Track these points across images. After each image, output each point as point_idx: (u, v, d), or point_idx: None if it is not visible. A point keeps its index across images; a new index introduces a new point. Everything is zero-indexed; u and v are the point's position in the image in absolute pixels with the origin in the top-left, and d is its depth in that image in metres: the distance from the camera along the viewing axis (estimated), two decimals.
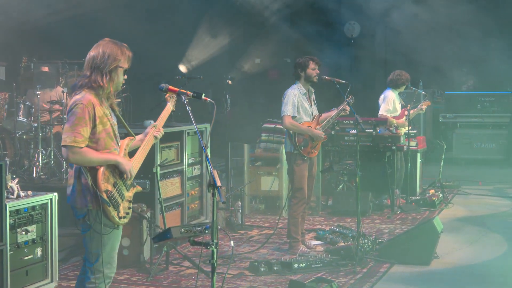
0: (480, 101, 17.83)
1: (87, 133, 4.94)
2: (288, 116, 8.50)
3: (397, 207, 11.28)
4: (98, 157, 4.97)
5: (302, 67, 8.66)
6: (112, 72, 5.06)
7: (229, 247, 8.97)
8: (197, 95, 5.24)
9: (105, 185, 4.95)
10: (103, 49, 5.08)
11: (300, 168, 8.57)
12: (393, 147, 11.18)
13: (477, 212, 11.38)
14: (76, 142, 4.88)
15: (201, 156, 9.67)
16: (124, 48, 5.16)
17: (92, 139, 5.00)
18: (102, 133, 5.04)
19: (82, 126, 4.91)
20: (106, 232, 5.04)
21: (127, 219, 5.15)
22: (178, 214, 9.18)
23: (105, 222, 5.01)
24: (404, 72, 11.66)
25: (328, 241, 9.15)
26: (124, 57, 5.12)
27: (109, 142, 5.10)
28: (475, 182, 14.29)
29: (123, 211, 5.09)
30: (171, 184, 9.01)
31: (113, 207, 4.98)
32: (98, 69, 5.04)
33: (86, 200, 4.96)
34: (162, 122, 5.51)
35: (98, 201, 4.91)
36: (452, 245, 9.08)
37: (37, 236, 6.77)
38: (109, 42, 5.14)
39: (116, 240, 5.19)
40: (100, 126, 5.01)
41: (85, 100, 4.95)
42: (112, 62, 5.05)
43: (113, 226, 5.07)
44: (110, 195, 4.96)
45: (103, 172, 4.95)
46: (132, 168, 5.15)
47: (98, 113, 5.00)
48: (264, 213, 11.33)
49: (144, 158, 5.38)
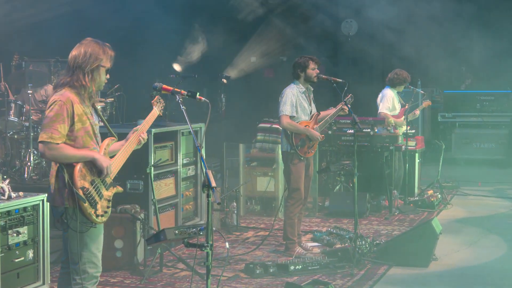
0: (480, 100, 17.83)
1: (64, 130, 5.04)
2: (286, 116, 8.50)
3: (395, 208, 11.30)
4: (75, 153, 5.06)
5: (302, 67, 8.67)
6: (94, 71, 5.18)
7: (224, 249, 8.97)
8: (192, 94, 5.24)
9: (82, 182, 5.02)
10: (85, 48, 5.19)
11: (297, 168, 8.58)
12: (391, 147, 11.19)
13: (477, 213, 11.39)
14: (53, 138, 5.00)
15: (196, 156, 9.67)
16: (106, 47, 5.26)
17: (70, 137, 5.10)
18: (81, 131, 5.14)
19: (59, 123, 5.02)
20: (83, 230, 5.09)
21: (106, 218, 5.21)
22: (172, 215, 9.18)
23: (82, 219, 5.06)
24: (403, 71, 11.67)
25: (325, 243, 9.16)
26: (106, 56, 5.23)
27: (88, 140, 5.19)
28: (475, 182, 14.30)
29: (101, 209, 5.14)
30: (165, 185, 9.01)
31: (89, 204, 5.03)
32: (80, 68, 5.15)
33: (63, 198, 5.04)
34: (145, 127, 5.58)
35: (75, 198, 4.98)
36: (451, 246, 9.10)
37: (28, 238, 6.76)
38: (91, 41, 5.25)
39: (97, 239, 5.23)
40: (78, 124, 5.12)
41: (64, 97, 5.07)
42: (94, 62, 5.16)
43: (91, 224, 5.12)
44: (86, 192, 5.02)
45: (80, 169, 5.03)
46: (110, 165, 5.20)
47: (77, 111, 5.10)
48: (259, 214, 11.33)
49: (123, 162, 5.42)
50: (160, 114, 5.67)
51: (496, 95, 17.79)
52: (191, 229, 5.02)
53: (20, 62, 12.41)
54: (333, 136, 11.34)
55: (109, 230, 7.85)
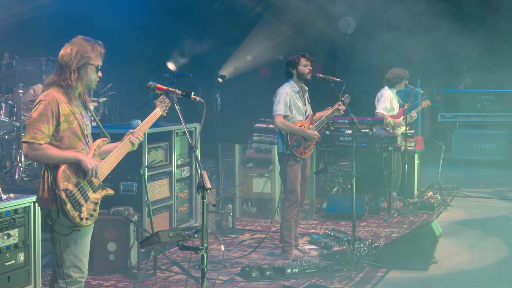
0: (480, 100, 17.83)
1: (48, 130, 5.04)
2: (280, 116, 8.51)
3: (394, 210, 11.30)
4: (58, 154, 5.06)
5: (293, 64, 8.68)
6: (81, 70, 5.17)
7: (220, 251, 8.97)
8: (186, 93, 5.25)
9: (65, 184, 5.01)
10: (72, 46, 5.19)
11: (293, 170, 8.59)
12: (390, 147, 11.19)
13: (477, 215, 11.41)
14: (35, 139, 5.00)
15: (190, 157, 9.67)
16: (96, 44, 5.25)
17: (56, 137, 5.11)
18: (67, 132, 5.13)
19: (43, 123, 5.03)
20: (66, 232, 5.07)
21: (91, 221, 5.18)
22: (166, 218, 9.18)
23: (66, 222, 5.04)
24: (402, 70, 11.68)
25: (322, 246, 9.17)
26: (95, 53, 5.22)
27: (75, 141, 5.18)
28: (475, 184, 14.32)
29: (86, 212, 5.11)
30: (159, 186, 9.01)
31: (72, 206, 5.01)
32: (66, 67, 5.15)
33: (48, 199, 5.04)
34: (145, 127, 5.53)
35: (57, 200, 4.97)
36: (451, 249, 9.10)
37: (19, 241, 6.75)
38: (80, 39, 5.25)
39: (82, 243, 5.21)
40: (65, 124, 5.11)
41: (49, 97, 5.07)
42: (81, 59, 5.15)
43: (74, 227, 5.09)
44: (69, 194, 5.00)
45: (64, 171, 5.02)
46: (96, 167, 5.16)
47: (63, 110, 5.09)
48: (256, 216, 11.33)
49: (115, 164, 5.40)
50: (163, 114, 5.59)
51: (497, 94, 17.80)
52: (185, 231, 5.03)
53: (11, 61, 12.40)
54: (330, 136, 11.33)
55: (102, 233, 7.85)
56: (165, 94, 5.38)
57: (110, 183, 5.45)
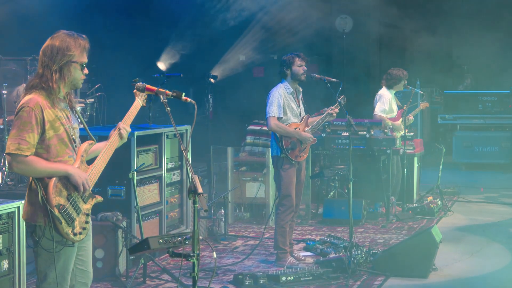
0: (482, 101, 17.83)
1: (33, 140, 4.79)
2: (273, 118, 8.51)
3: (393, 216, 11.32)
4: (46, 167, 4.82)
5: (287, 64, 8.68)
6: (63, 69, 4.90)
7: (212, 258, 8.97)
8: (177, 94, 5.23)
9: (57, 199, 4.79)
10: (53, 42, 4.92)
11: (288, 173, 8.59)
12: (388, 150, 11.20)
13: (479, 221, 11.43)
14: (21, 150, 4.75)
15: (181, 161, 9.67)
16: (80, 39, 4.97)
17: (42, 146, 4.86)
18: (53, 139, 4.89)
19: (28, 132, 4.77)
20: (55, 249, 4.85)
21: (84, 235, 4.99)
22: (156, 223, 9.17)
23: (57, 238, 4.84)
24: (400, 70, 11.69)
25: (318, 252, 9.18)
26: (79, 50, 4.94)
27: (63, 149, 4.94)
28: (477, 188, 14.34)
29: (79, 226, 4.92)
30: (148, 191, 9.00)
31: (66, 223, 4.82)
32: (47, 67, 4.90)
33: (35, 215, 4.84)
34: (129, 120, 5.35)
35: (49, 216, 4.76)
36: (452, 256, 9.12)
37: (3, 248, 6.73)
38: (62, 33, 4.96)
39: (69, 259, 4.99)
40: (50, 131, 4.87)
41: (32, 102, 4.80)
42: (62, 57, 4.88)
43: (65, 243, 4.90)
44: (62, 210, 4.81)
45: (55, 184, 4.80)
46: (86, 180, 4.95)
47: (48, 116, 4.85)
48: (249, 222, 11.34)
49: (105, 164, 5.22)
50: (143, 104, 5.44)
51: (499, 95, 17.81)
52: (176, 237, 5.02)
53: None
54: (327, 139, 11.33)
55: None
56: (155, 95, 5.34)
57: (97, 188, 5.37)
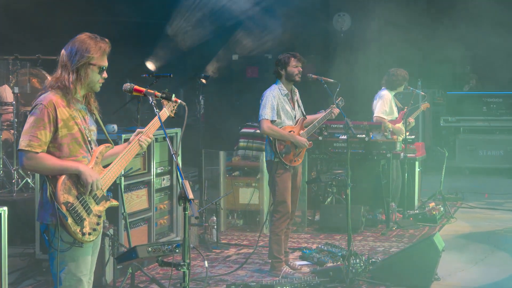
0: (486, 103, 17.87)
1: (45, 137, 4.96)
2: (266, 120, 8.51)
3: (393, 223, 11.32)
4: (56, 164, 4.97)
5: (283, 64, 8.69)
6: (80, 70, 5.09)
7: (203, 268, 8.97)
8: (167, 96, 5.24)
9: (65, 196, 4.93)
10: (73, 44, 5.12)
11: (282, 179, 8.58)
12: (388, 154, 11.21)
13: (483, 228, 11.44)
14: (31, 147, 4.91)
15: (171, 165, 9.67)
16: (101, 42, 5.17)
17: (54, 145, 5.03)
18: (66, 138, 5.04)
19: (39, 129, 4.94)
20: (65, 249, 4.98)
21: (95, 236, 5.09)
22: (144, 231, 9.17)
23: (66, 238, 4.96)
24: (401, 70, 11.70)
25: (315, 261, 9.18)
26: (99, 53, 5.14)
27: (76, 148, 5.09)
28: (481, 194, 14.36)
29: (89, 226, 5.03)
30: (136, 197, 9.00)
31: (74, 221, 4.93)
32: (65, 67, 5.09)
33: (46, 213, 4.98)
34: (151, 129, 5.43)
35: (56, 214, 4.88)
36: (455, 265, 9.12)
37: None
38: (84, 35, 5.18)
39: (82, 260, 5.10)
40: (64, 130, 5.03)
41: (46, 100, 4.99)
42: (80, 59, 5.07)
43: (74, 243, 5.00)
44: (70, 207, 4.92)
45: (64, 182, 4.94)
46: (98, 180, 5.08)
47: (61, 115, 5.02)
48: (242, 229, 11.33)
49: (122, 169, 5.36)
50: (171, 115, 5.51)
51: (504, 96, 17.85)
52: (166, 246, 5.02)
53: None
54: (323, 142, 11.33)
55: None
56: (143, 97, 5.35)
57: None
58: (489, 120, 17.67)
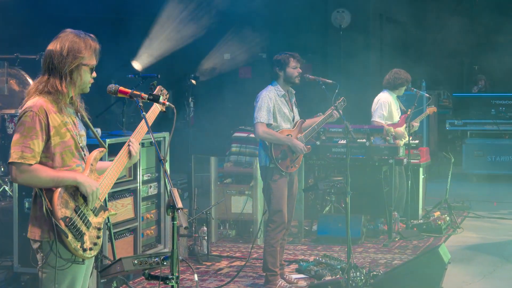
0: (495, 105, 17.88)
1: (38, 147, 4.83)
2: (262, 124, 8.50)
3: (396, 233, 11.34)
4: (52, 175, 4.85)
5: (281, 65, 8.69)
6: (74, 73, 4.99)
7: (193, 281, 8.97)
8: (154, 98, 5.24)
9: (63, 210, 4.80)
10: (62, 43, 4.99)
11: (278, 186, 8.58)
12: (390, 160, 11.23)
13: (492, 239, 11.46)
14: (24, 158, 4.78)
15: (158, 172, 9.67)
16: (89, 40, 5.07)
17: (47, 154, 4.90)
18: (59, 147, 4.93)
19: (32, 139, 4.81)
20: (63, 266, 4.87)
21: (96, 251, 4.99)
22: (130, 242, 9.17)
23: (64, 255, 4.87)
24: (403, 71, 11.73)
25: (312, 274, 9.18)
26: (89, 52, 5.04)
27: (69, 157, 4.98)
28: (489, 202, 14.39)
29: (89, 241, 4.92)
30: (121, 206, 9.00)
31: (74, 237, 4.82)
32: (56, 70, 4.96)
33: (41, 229, 4.85)
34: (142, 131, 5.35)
35: (54, 230, 4.77)
36: (462, 278, 9.15)
37: None
38: (70, 34, 5.05)
39: (76, 278, 5.01)
40: (56, 138, 4.91)
41: (36, 106, 4.85)
42: (73, 61, 4.97)
43: (74, 260, 4.90)
44: (69, 223, 4.80)
45: (60, 195, 4.82)
46: (97, 189, 4.99)
47: (53, 122, 4.90)
48: (234, 240, 11.34)
49: (115, 178, 5.21)
50: (163, 110, 5.41)
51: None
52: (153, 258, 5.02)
53: None
54: (321, 147, 11.33)
55: None
56: (129, 98, 5.33)
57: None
58: (498, 124, 17.66)
